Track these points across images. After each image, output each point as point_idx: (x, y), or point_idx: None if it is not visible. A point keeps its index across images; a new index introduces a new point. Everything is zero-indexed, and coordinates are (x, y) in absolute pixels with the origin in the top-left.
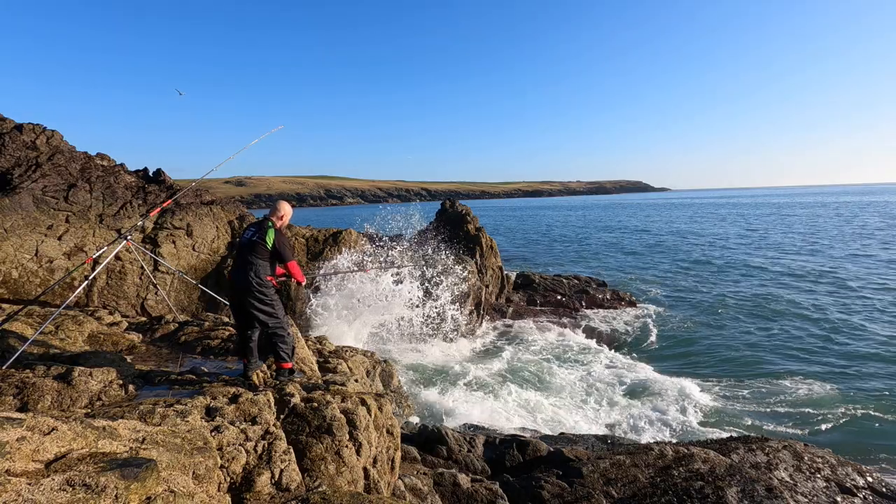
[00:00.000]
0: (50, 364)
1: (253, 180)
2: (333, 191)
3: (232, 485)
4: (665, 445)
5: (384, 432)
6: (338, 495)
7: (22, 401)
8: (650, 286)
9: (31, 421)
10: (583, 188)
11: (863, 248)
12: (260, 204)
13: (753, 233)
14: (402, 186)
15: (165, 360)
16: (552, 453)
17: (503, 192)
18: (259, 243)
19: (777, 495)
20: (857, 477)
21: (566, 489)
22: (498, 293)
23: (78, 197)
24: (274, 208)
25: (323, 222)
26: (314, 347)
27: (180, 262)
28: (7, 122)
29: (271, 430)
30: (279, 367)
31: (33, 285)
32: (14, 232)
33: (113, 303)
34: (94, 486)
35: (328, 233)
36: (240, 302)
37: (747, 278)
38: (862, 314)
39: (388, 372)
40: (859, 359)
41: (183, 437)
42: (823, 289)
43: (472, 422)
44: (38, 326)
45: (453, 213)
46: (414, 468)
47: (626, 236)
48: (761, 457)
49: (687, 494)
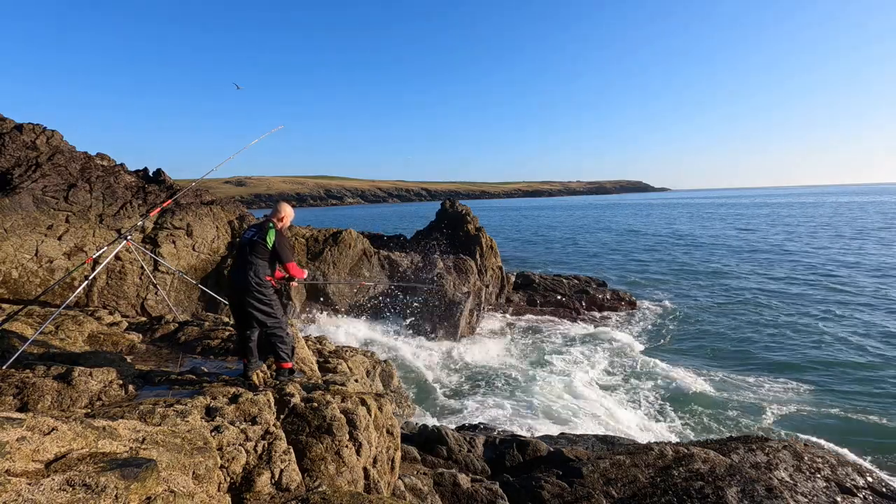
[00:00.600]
0: (50, 364)
1: (253, 180)
2: (333, 191)
3: (232, 485)
4: (665, 445)
5: (384, 432)
6: (338, 495)
7: (22, 401)
8: (650, 285)
9: (31, 421)
10: (583, 188)
11: (861, 247)
12: (260, 204)
13: (753, 233)
14: (402, 186)
15: (165, 360)
16: (552, 453)
17: (503, 192)
18: (259, 243)
19: (777, 495)
20: (857, 477)
21: (566, 489)
22: (498, 293)
23: (78, 197)
24: (275, 209)
25: (323, 222)
26: (314, 347)
27: (180, 262)
28: (7, 122)
29: (271, 430)
30: (279, 367)
31: (33, 285)
32: (14, 232)
33: (113, 303)
34: (94, 486)
35: (328, 233)
36: (239, 301)
37: (748, 278)
38: (865, 314)
39: (388, 372)
40: (860, 358)
41: (183, 437)
42: (821, 288)
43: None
44: (38, 326)
45: (453, 213)
46: (414, 468)
47: (625, 236)
48: (761, 457)
49: (687, 494)
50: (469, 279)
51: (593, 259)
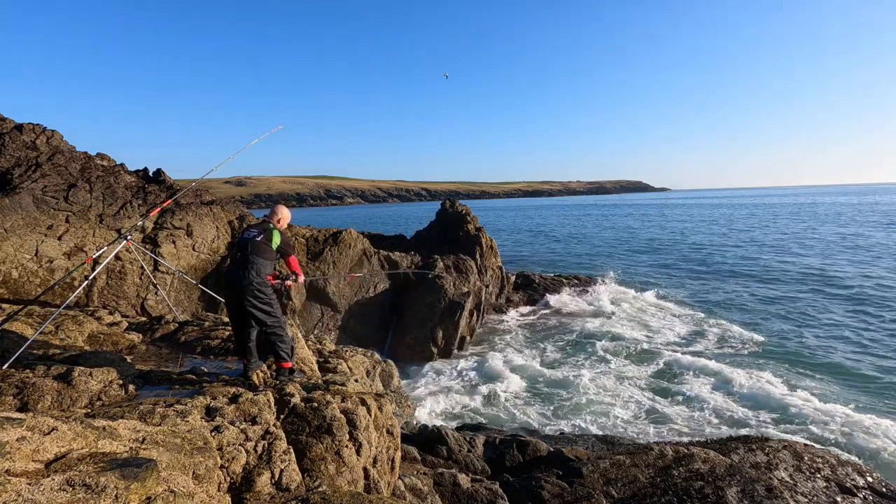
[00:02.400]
0: (50, 364)
1: (253, 180)
2: (333, 191)
3: (232, 485)
4: (665, 445)
5: (384, 432)
6: (338, 495)
7: (22, 401)
8: (650, 285)
9: (31, 421)
10: (583, 188)
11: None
12: (260, 204)
13: (753, 233)
14: (402, 186)
15: (165, 360)
16: (552, 453)
17: (503, 192)
18: (262, 243)
19: (777, 495)
20: (857, 477)
21: (566, 489)
22: (498, 293)
23: (78, 197)
24: (272, 212)
25: (323, 222)
26: (314, 347)
27: (180, 262)
28: (7, 122)
29: (271, 430)
30: (279, 366)
31: (33, 285)
32: (14, 232)
33: (113, 303)
34: (94, 486)
35: (328, 233)
36: (237, 301)
37: (751, 278)
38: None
39: (388, 372)
40: (860, 358)
41: (183, 437)
42: (820, 287)
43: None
44: (38, 326)
45: (453, 213)
46: (414, 468)
47: (625, 236)
48: (761, 457)
49: (687, 494)
50: (469, 279)
51: (593, 259)
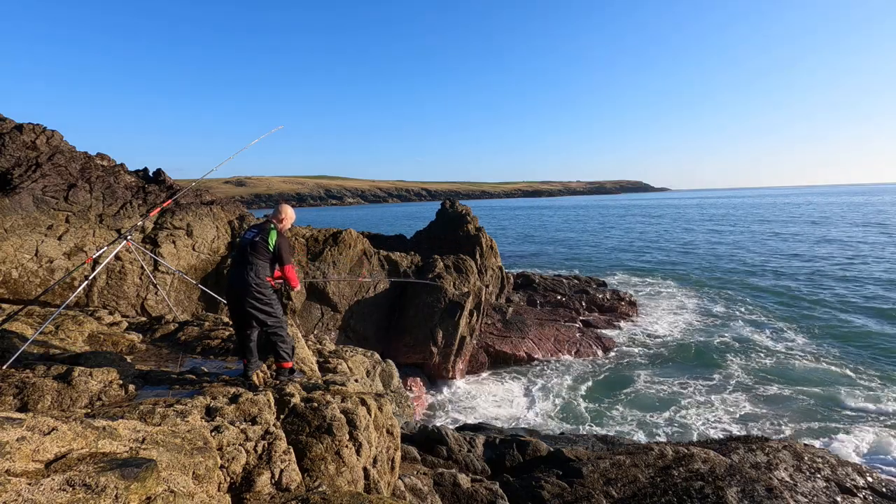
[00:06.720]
0: (50, 364)
1: (253, 180)
2: (333, 191)
3: (232, 485)
4: (665, 445)
5: (384, 432)
6: (338, 495)
7: (22, 401)
8: (649, 285)
9: (31, 421)
10: (583, 188)
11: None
12: (260, 204)
13: (752, 232)
14: (402, 186)
15: (165, 360)
16: (552, 453)
17: (503, 192)
18: (261, 244)
19: (777, 495)
20: (857, 477)
21: (566, 489)
22: (498, 293)
23: (78, 197)
24: (276, 211)
25: (323, 222)
26: (314, 347)
27: (180, 262)
28: (7, 122)
29: (271, 430)
30: (279, 366)
31: (33, 285)
32: (14, 232)
33: (113, 303)
34: (94, 486)
35: (328, 233)
36: (238, 301)
37: (749, 278)
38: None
39: (388, 372)
40: (859, 358)
41: (183, 437)
42: (817, 287)
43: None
44: (38, 326)
45: (453, 213)
46: (414, 468)
47: (625, 236)
48: (761, 457)
49: (687, 494)
50: (469, 279)
51: (593, 259)
